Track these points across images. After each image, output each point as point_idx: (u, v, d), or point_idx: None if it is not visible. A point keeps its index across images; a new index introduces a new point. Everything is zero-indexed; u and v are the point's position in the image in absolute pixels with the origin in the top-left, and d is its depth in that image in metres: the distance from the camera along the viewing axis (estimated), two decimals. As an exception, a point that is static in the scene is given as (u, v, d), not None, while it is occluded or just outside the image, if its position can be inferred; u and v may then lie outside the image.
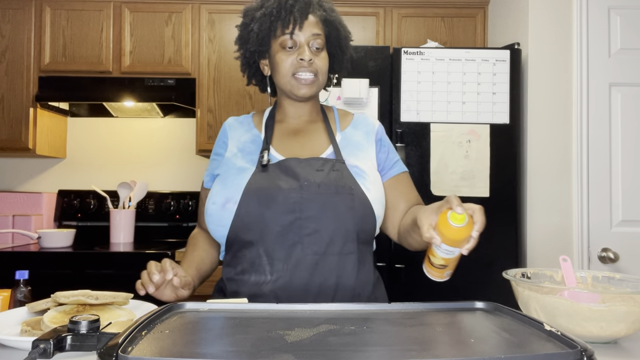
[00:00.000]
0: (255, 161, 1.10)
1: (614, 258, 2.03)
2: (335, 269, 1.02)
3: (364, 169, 1.10)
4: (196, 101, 2.59)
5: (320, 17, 1.12)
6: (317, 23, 1.11)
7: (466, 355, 0.57)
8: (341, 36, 1.16)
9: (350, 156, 1.11)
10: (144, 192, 2.68)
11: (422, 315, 0.75)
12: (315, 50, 1.10)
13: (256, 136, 1.16)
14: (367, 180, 1.07)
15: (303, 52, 1.08)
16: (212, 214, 1.06)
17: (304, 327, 0.67)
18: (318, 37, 1.10)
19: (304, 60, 1.08)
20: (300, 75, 1.09)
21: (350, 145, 1.14)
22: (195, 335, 0.63)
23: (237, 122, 1.21)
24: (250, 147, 1.14)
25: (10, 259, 2.22)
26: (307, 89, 1.10)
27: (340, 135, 1.16)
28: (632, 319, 0.80)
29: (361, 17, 2.61)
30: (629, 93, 2.12)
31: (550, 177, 2.14)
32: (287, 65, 1.10)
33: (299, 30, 1.09)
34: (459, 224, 0.85)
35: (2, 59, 2.57)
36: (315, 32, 1.10)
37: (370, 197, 1.05)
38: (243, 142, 1.15)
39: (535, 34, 2.17)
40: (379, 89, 2.09)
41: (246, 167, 1.09)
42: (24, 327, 0.83)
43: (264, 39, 1.12)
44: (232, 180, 1.07)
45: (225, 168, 1.12)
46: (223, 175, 1.11)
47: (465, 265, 2.03)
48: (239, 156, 1.12)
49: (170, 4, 2.61)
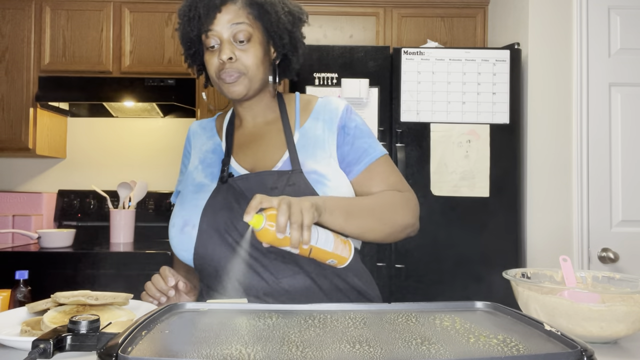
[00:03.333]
0: (215, 175, 1.03)
1: (614, 258, 2.03)
2: (311, 282, 0.96)
3: (324, 172, 0.99)
4: (196, 101, 2.59)
5: (244, 2, 0.98)
6: (238, 10, 0.97)
7: (466, 355, 0.57)
8: (272, 19, 1.00)
9: (308, 159, 1.00)
10: (144, 192, 2.68)
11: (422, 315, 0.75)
12: (240, 44, 0.98)
13: (217, 145, 1.09)
14: (328, 187, 0.97)
15: (221, 50, 0.97)
16: (173, 237, 1.01)
17: (304, 327, 0.67)
18: (240, 27, 0.97)
19: (224, 62, 0.97)
20: (223, 76, 0.98)
21: (309, 145, 1.02)
22: (195, 335, 0.63)
23: (200, 128, 1.13)
24: (212, 158, 1.07)
25: (10, 259, 2.22)
26: (235, 88, 0.99)
27: (299, 133, 1.04)
28: (632, 319, 0.80)
29: (361, 17, 2.61)
30: (629, 93, 2.12)
31: (550, 177, 2.14)
32: (212, 67, 1.00)
33: (212, 25, 0.96)
34: (255, 228, 0.82)
35: (2, 59, 2.57)
36: (235, 21, 0.97)
37: None
38: (204, 152, 1.08)
39: (535, 34, 2.17)
40: (379, 89, 2.09)
41: (204, 184, 1.02)
42: (24, 327, 0.83)
43: (189, 42, 1.03)
44: (190, 200, 1.00)
45: (184, 184, 1.06)
46: (183, 192, 1.05)
47: (466, 265, 2.04)
48: (199, 169, 1.06)
49: (170, 4, 2.61)
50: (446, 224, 2.05)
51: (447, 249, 2.04)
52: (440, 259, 2.04)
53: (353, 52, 2.09)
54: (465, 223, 2.05)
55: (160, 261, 2.22)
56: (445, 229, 2.05)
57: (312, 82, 2.08)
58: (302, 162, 1.00)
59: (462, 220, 2.05)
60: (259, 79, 1.01)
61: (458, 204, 2.05)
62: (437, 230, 2.04)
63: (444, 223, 2.05)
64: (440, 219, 2.05)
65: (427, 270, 2.04)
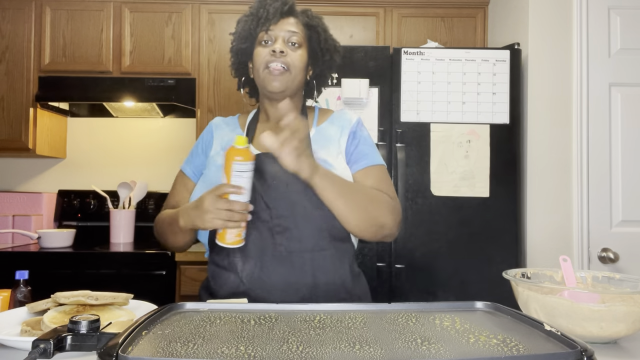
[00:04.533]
0: None
1: (614, 258, 2.03)
2: (310, 266, 1.06)
3: (332, 162, 1.11)
4: (196, 101, 2.59)
5: (302, 21, 1.17)
6: (296, 24, 1.15)
7: (466, 355, 0.57)
8: (321, 38, 1.18)
9: (320, 149, 1.13)
10: (144, 192, 2.68)
11: (422, 315, 0.75)
12: (291, 45, 1.14)
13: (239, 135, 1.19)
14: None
15: (276, 43, 1.12)
16: None
17: (304, 327, 0.67)
18: (295, 35, 1.14)
19: (276, 52, 1.10)
20: (271, 66, 1.11)
21: (322, 139, 1.16)
22: (195, 335, 0.63)
23: (223, 123, 1.25)
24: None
25: (10, 259, 2.22)
26: (277, 82, 1.11)
27: (315, 129, 1.19)
28: (632, 319, 0.80)
29: (361, 17, 2.61)
30: (629, 93, 2.12)
31: (550, 177, 2.14)
32: (261, 58, 1.12)
33: (274, 24, 1.13)
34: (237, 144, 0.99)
35: (2, 59, 2.57)
36: (291, 29, 1.14)
37: None
38: (227, 142, 1.18)
39: (535, 34, 2.17)
40: (379, 89, 2.09)
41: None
42: (24, 327, 0.83)
43: (246, 37, 1.16)
44: (212, 177, 1.12)
45: (209, 167, 1.16)
46: (206, 174, 1.15)
47: (466, 265, 2.04)
48: (221, 154, 1.15)
49: (170, 4, 2.61)
50: (446, 224, 2.05)
51: (447, 249, 2.04)
52: (440, 259, 2.04)
53: (353, 52, 2.09)
54: (465, 223, 2.05)
55: (160, 261, 2.22)
56: (445, 229, 2.05)
57: (312, 82, 2.08)
58: (315, 151, 1.12)
59: (462, 220, 2.05)
60: (298, 80, 1.15)
61: (458, 204, 2.05)
62: (437, 230, 2.04)
63: (444, 223, 2.05)
64: (440, 219, 2.05)
65: (427, 270, 2.04)
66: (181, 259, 2.23)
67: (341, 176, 1.08)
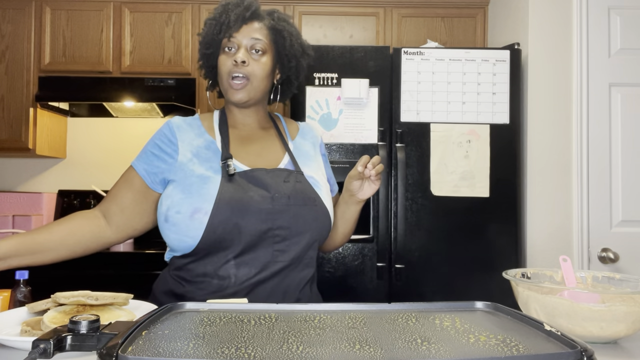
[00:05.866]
0: (215, 169, 1.07)
1: (614, 258, 2.03)
2: (297, 274, 1.09)
3: (318, 180, 1.15)
4: (196, 101, 2.59)
5: (267, 24, 1.14)
6: (260, 29, 1.12)
7: (466, 355, 0.57)
8: (287, 44, 1.15)
9: (304, 166, 1.16)
10: (144, 192, 2.67)
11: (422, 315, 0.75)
12: (255, 53, 1.11)
13: (210, 142, 1.13)
14: (322, 191, 1.13)
15: (238, 53, 1.10)
16: (178, 223, 1.03)
17: (304, 327, 0.67)
18: (258, 42, 1.11)
19: (237, 62, 1.08)
20: (233, 81, 1.10)
21: (302, 156, 1.19)
22: (195, 335, 0.63)
23: (185, 124, 1.15)
24: (206, 154, 1.10)
25: (10, 259, 2.21)
26: (240, 95, 1.11)
27: (292, 144, 1.20)
28: (632, 319, 0.80)
29: (361, 17, 2.61)
30: (629, 93, 2.12)
31: (550, 177, 2.14)
32: (225, 67, 1.11)
33: (237, 32, 1.11)
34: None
35: (2, 59, 2.57)
36: (255, 36, 1.11)
37: (328, 207, 1.11)
38: (196, 147, 1.11)
39: (535, 34, 2.17)
40: (379, 89, 2.09)
41: (208, 176, 1.06)
42: (24, 327, 0.83)
43: (209, 42, 1.15)
44: (198, 189, 1.04)
45: (182, 175, 1.07)
46: (182, 182, 1.06)
47: (466, 265, 2.04)
48: (196, 162, 1.08)
49: (170, 4, 2.61)
50: (446, 224, 2.05)
51: (447, 249, 2.04)
52: (440, 259, 2.04)
53: (353, 52, 2.09)
54: (465, 223, 2.05)
55: (160, 261, 2.22)
56: (445, 229, 2.05)
57: (312, 82, 2.08)
58: (300, 167, 1.15)
59: (462, 220, 2.05)
60: (261, 89, 1.14)
61: (458, 204, 2.05)
62: (437, 230, 2.05)
63: (444, 223, 2.05)
64: (440, 219, 2.05)
65: (427, 270, 2.04)
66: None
67: (327, 194, 1.15)
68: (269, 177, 1.08)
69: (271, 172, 1.09)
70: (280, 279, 1.06)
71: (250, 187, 1.06)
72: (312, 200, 1.09)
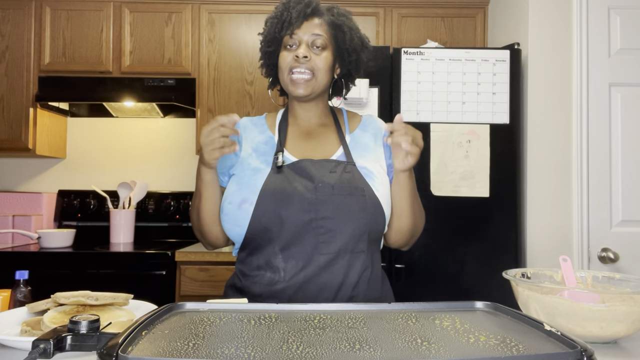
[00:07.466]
0: (270, 162, 1.13)
1: (614, 258, 2.03)
2: (345, 267, 1.07)
3: (372, 170, 1.14)
4: (196, 101, 2.59)
5: (326, 20, 1.15)
6: (320, 25, 1.14)
7: (466, 355, 0.57)
8: (346, 38, 1.17)
9: (359, 158, 1.15)
10: (144, 192, 2.68)
11: (422, 315, 0.75)
12: (316, 49, 1.13)
13: (270, 138, 1.19)
14: (376, 182, 1.11)
15: (299, 49, 1.12)
16: (229, 213, 1.08)
17: (304, 327, 0.67)
18: (319, 37, 1.13)
19: (299, 57, 1.11)
20: (294, 75, 1.12)
21: (359, 147, 1.18)
22: (195, 335, 0.63)
23: (250, 123, 1.23)
24: (264, 148, 1.17)
25: (10, 259, 2.22)
26: (302, 89, 1.12)
27: (350, 137, 1.20)
28: (632, 319, 0.80)
29: (361, 17, 2.61)
30: (629, 93, 2.12)
31: (550, 177, 2.14)
32: (285, 63, 1.13)
33: (298, 29, 1.13)
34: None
35: (2, 59, 2.57)
36: (316, 32, 1.13)
37: (380, 197, 1.09)
38: (257, 143, 1.18)
39: (535, 34, 2.17)
40: (379, 89, 2.09)
41: (261, 168, 1.12)
42: (24, 327, 0.83)
43: (271, 40, 1.17)
44: (248, 180, 1.10)
45: (240, 168, 1.14)
46: (238, 175, 1.13)
47: (466, 265, 2.04)
48: (254, 156, 1.15)
49: (170, 4, 2.61)
50: (446, 224, 2.05)
51: (447, 249, 2.04)
52: (440, 259, 2.04)
53: (353, 52, 2.09)
54: (465, 223, 2.05)
55: (160, 261, 2.22)
56: (445, 229, 2.05)
57: (312, 82, 2.07)
58: (354, 159, 1.15)
59: (462, 220, 2.05)
60: (323, 84, 1.16)
61: (458, 204, 2.05)
62: (437, 230, 2.04)
63: (444, 223, 2.05)
64: (440, 219, 2.05)
65: (427, 270, 2.04)
66: (181, 259, 2.23)
67: (382, 184, 1.12)
68: (314, 168, 1.10)
69: (317, 162, 1.11)
70: (329, 274, 1.05)
71: (295, 177, 1.08)
72: (360, 189, 1.08)
